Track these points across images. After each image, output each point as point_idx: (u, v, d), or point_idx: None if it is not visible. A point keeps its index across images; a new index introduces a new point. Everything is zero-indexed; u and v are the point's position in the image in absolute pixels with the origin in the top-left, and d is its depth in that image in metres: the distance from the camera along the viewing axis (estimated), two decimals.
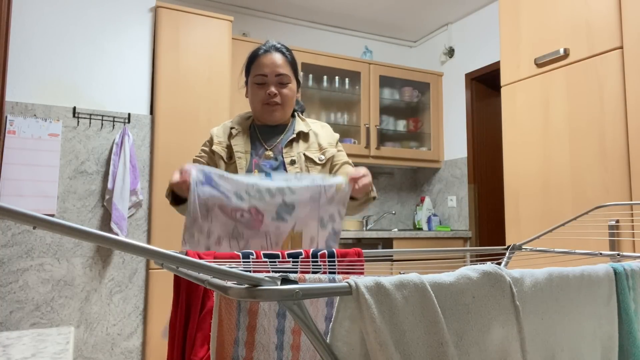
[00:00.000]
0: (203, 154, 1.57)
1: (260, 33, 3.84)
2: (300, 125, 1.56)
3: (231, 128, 1.55)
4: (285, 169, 1.47)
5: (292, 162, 1.47)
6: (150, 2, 2.94)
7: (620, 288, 0.71)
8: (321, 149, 1.54)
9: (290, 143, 1.51)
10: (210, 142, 1.56)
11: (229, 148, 1.51)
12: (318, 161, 1.51)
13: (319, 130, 1.59)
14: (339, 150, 1.59)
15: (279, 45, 1.53)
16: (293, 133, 1.53)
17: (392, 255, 2.89)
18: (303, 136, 1.54)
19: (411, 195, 4.38)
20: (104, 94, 2.80)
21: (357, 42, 4.30)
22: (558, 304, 0.64)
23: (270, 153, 1.50)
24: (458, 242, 3.64)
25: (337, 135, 1.62)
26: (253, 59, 1.53)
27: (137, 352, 2.73)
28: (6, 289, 2.47)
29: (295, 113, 1.62)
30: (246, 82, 1.58)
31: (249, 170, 1.48)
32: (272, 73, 1.48)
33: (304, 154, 1.50)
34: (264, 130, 1.54)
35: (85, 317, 2.62)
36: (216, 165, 1.50)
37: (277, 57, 1.49)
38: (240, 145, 1.51)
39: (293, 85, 1.53)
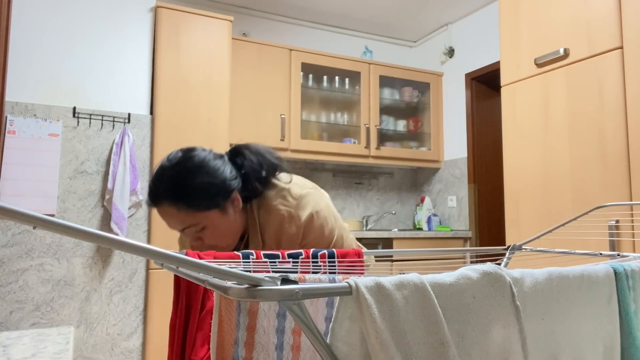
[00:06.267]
0: None
1: (260, 33, 3.84)
2: (252, 226, 1.14)
3: None
4: None
5: None
6: (150, 2, 2.94)
7: (620, 288, 0.71)
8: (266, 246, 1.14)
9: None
10: None
11: None
12: None
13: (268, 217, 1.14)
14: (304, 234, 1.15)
15: (162, 191, 1.04)
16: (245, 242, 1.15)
17: (392, 256, 2.89)
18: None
19: (411, 195, 4.38)
20: (103, 94, 2.80)
21: (357, 42, 4.30)
22: (558, 304, 0.64)
23: None
24: (458, 242, 3.64)
25: (306, 213, 1.14)
26: None
27: (137, 352, 2.73)
28: (6, 289, 2.47)
29: (248, 205, 1.16)
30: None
31: None
32: (176, 229, 1.08)
33: None
34: None
35: (85, 317, 2.62)
36: None
37: (170, 212, 1.05)
38: None
39: (212, 215, 1.06)
